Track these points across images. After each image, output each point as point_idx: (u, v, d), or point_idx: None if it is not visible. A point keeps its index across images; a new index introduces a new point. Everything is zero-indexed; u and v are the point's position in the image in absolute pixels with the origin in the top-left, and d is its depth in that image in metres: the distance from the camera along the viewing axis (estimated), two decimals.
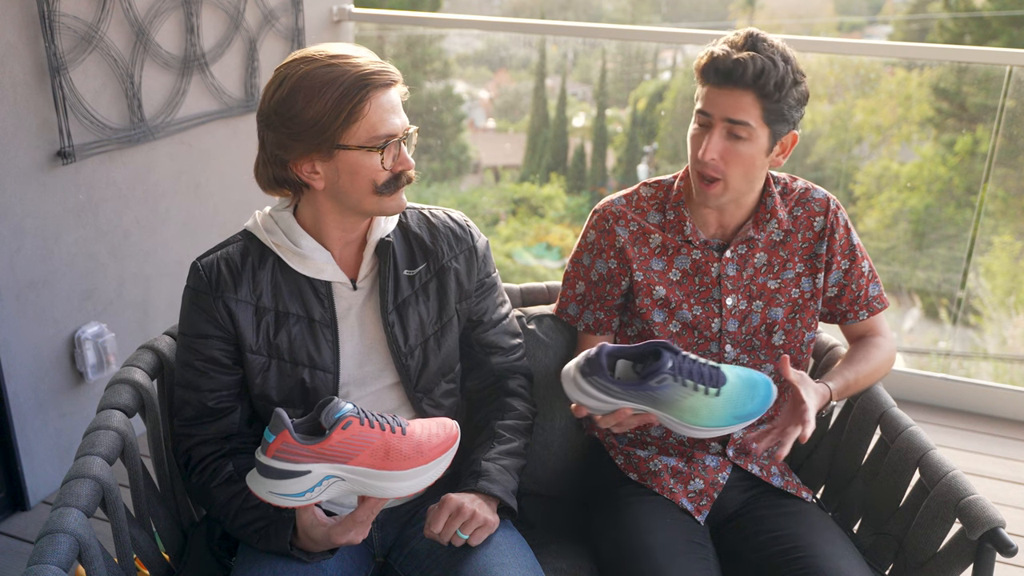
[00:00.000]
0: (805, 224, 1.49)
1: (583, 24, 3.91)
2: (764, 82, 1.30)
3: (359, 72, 1.18)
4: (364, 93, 1.18)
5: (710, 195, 1.40)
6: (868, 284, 1.52)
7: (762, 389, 1.29)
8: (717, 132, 1.35)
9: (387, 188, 1.24)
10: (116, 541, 1.23)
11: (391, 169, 1.23)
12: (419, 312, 1.35)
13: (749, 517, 1.44)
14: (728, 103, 1.33)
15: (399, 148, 1.24)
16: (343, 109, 1.17)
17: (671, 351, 1.24)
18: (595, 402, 1.26)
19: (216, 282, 1.28)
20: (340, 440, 1.10)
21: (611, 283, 1.52)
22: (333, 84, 1.17)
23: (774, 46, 1.34)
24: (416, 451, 1.15)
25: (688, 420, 1.26)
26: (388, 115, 1.21)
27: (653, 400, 1.24)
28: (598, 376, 1.24)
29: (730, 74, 1.31)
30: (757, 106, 1.32)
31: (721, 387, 1.25)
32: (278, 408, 1.10)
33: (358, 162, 1.21)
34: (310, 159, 1.22)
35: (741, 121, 1.33)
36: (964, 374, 3.51)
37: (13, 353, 2.10)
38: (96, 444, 1.23)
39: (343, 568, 1.28)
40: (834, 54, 4.36)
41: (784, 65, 1.32)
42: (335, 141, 1.19)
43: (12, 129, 2.00)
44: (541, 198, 8.81)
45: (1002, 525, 1.22)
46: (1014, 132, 3.00)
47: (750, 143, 1.34)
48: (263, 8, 2.73)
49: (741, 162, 1.36)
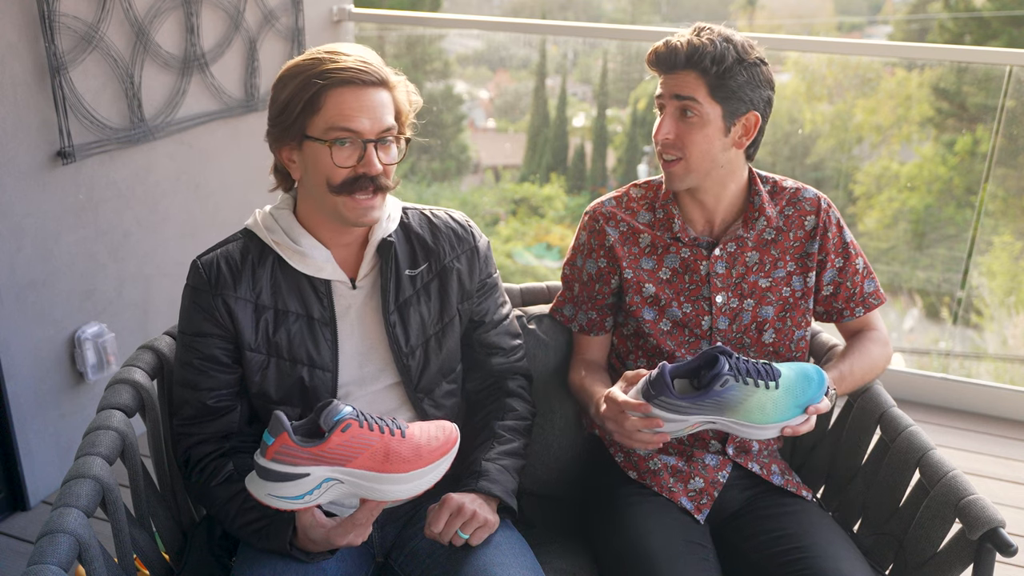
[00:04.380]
0: (796, 223, 1.51)
1: (583, 24, 3.91)
2: (699, 58, 1.37)
3: (330, 67, 1.21)
4: (322, 85, 1.20)
5: (673, 175, 1.45)
6: (863, 281, 1.54)
7: (814, 374, 1.33)
8: (669, 112, 1.42)
9: (343, 189, 1.23)
10: (116, 541, 1.23)
11: (351, 168, 1.22)
12: (420, 312, 1.35)
13: (751, 516, 1.44)
14: (674, 83, 1.41)
15: (364, 149, 1.22)
16: (303, 98, 1.21)
17: (725, 354, 1.26)
18: (666, 424, 1.27)
19: (216, 280, 1.28)
20: (339, 443, 1.10)
21: (601, 282, 1.53)
22: (303, 74, 1.22)
23: (715, 31, 1.41)
24: (415, 454, 1.15)
25: (756, 419, 1.28)
26: (350, 112, 1.20)
27: (719, 407, 1.26)
28: (665, 396, 1.25)
29: (667, 59, 1.40)
30: (701, 83, 1.39)
31: (778, 379, 1.28)
32: (277, 411, 1.10)
33: (316, 154, 1.23)
34: (289, 147, 1.26)
35: (687, 96, 1.39)
36: (964, 374, 3.51)
37: (13, 353, 2.10)
38: (96, 444, 1.23)
39: (343, 568, 1.28)
40: (834, 54, 4.36)
41: (723, 44, 1.38)
42: (303, 130, 1.23)
43: (12, 129, 2.00)
44: (541, 198, 8.81)
45: (1002, 525, 1.22)
46: (1014, 132, 3.00)
47: (702, 120, 1.40)
48: (263, 8, 2.73)
49: (695, 139, 1.41)
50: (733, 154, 1.45)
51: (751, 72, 1.39)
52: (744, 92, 1.39)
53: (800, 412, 1.30)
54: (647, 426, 1.26)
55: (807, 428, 1.33)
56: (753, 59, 1.40)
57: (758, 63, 1.41)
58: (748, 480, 1.49)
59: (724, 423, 1.29)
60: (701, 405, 1.25)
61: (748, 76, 1.39)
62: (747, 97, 1.40)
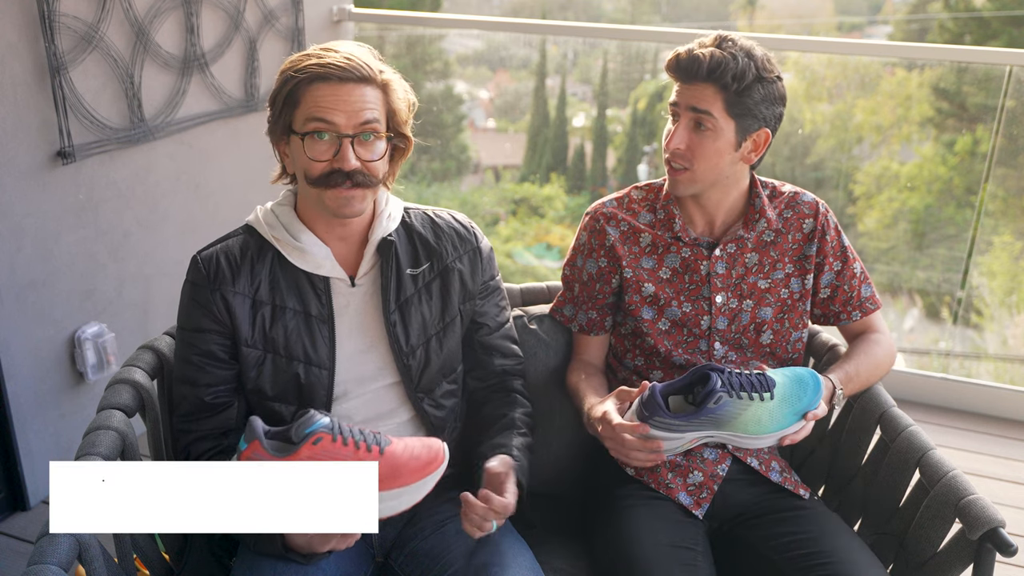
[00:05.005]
0: (795, 226, 1.52)
1: (583, 24, 3.91)
2: (721, 74, 1.36)
3: (311, 62, 1.23)
4: (299, 80, 1.22)
5: (677, 182, 1.45)
6: (860, 285, 1.55)
7: (809, 379, 1.33)
8: (683, 123, 1.42)
9: (320, 182, 1.24)
10: (116, 541, 1.23)
11: (327, 162, 1.23)
12: (422, 311, 1.36)
13: (765, 518, 1.42)
14: (691, 94, 1.40)
15: (339, 143, 1.23)
16: (283, 92, 1.24)
17: (716, 370, 1.27)
18: (663, 443, 1.28)
19: (214, 275, 1.29)
20: (309, 455, 1.10)
21: (601, 281, 1.54)
22: (287, 70, 1.25)
23: (737, 44, 1.39)
24: (392, 473, 1.13)
25: (753, 431, 1.29)
26: (326, 105, 1.21)
27: (715, 422, 1.27)
28: (658, 416, 1.27)
29: (688, 68, 1.38)
30: (719, 98, 1.38)
31: (773, 390, 1.29)
32: (252, 416, 1.12)
33: (296, 148, 1.26)
34: (282, 140, 1.29)
35: (704, 110, 1.38)
36: (964, 374, 3.51)
37: (13, 353, 2.10)
38: (96, 444, 1.22)
39: (342, 568, 1.28)
40: (834, 54, 4.37)
41: (745, 60, 1.37)
42: (289, 124, 1.25)
43: (12, 129, 2.00)
44: (541, 198, 8.81)
45: (1002, 525, 1.22)
46: (1014, 132, 3.00)
47: (715, 134, 1.40)
48: (263, 8, 2.73)
49: (706, 153, 1.41)
50: (740, 167, 1.46)
51: (768, 89, 1.40)
52: (759, 109, 1.40)
53: (797, 419, 1.31)
54: (645, 447, 1.28)
55: (804, 434, 1.33)
56: (772, 77, 1.40)
57: (775, 80, 1.41)
58: (749, 476, 1.49)
59: (721, 436, 1.31)
60: (696, 423, 1.27)
61: (765, 93, 1.39)
62: (761, 115, 1.41)
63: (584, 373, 1.55)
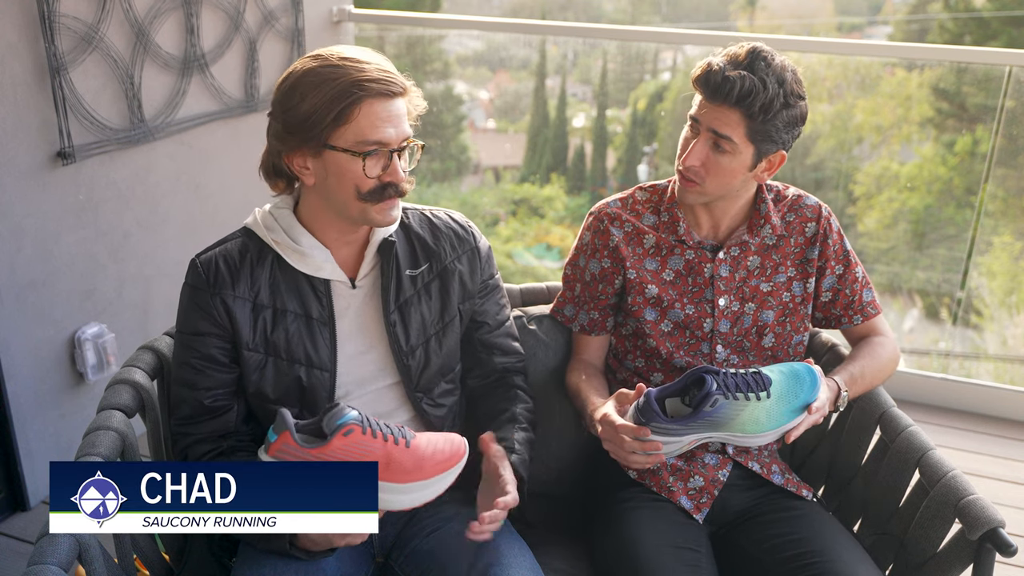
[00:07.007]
0: (797, 229, 1.52)
1: (583, 24, 3.92)
2: (751, 103, 1.33)
3: (358, 77, 1.19)
4: (356, 97, 1.18)
5: (687, 192, 1.44)
6: (862, 289, 1.55)
7: (805, 375, 1.33)
8: (702, 140, 1.39)
9: (371, 197, 1.23)
10: (116, 541, 1.23)
11: (377, 178, 1.23)
12: (421, 312, 1.36)
13: (759, 519, 1.43)
14: (715, 116, 1.37)
15: (389, 158, 1.23)
16: (333, 110, 1.18)
17: (711, 372, 1.27)
18: (663, 446, 1.28)
19: (214, 279, 1.28)
20: (340, 447, 1.10)
21: (604, 282, 1.54)
22: (329, 84, 1.18)
23: (771, 66, 1.35)
24: (417, 466, 1.15)
25: (751, 431, 1.29)
26: (380, 123, 1.20)
27: (713, 424, 1.28)
28: (655, 422, 1.27)
29: (718, 90, 1.34)
30: (742, 124, 1.35)
31: (769, 388, 1.28)
32: (282, 408, 1.11)
33: (343, 165, 1.22)
34: (302, 153, 1.23)
35: (724, 135, 1.36)
36: (964, 374, 3.51)
37: (13, 353, 2.10)
38: (96, 444, 1.23)
39: (342, 568, 1.28)
40: (834, 54, 4.36)
41: (776, 88, 1.34)
42: (324, 140, 1.20)
43: (12, 129, 2.00)
44: (541, 198, 8.81)
45: (1002, 525, 1.22)
46: (1014, 132, 3.00)
47: (732, 156, 1.38)
48: (263, 8, 2.73)
49: (720, 173, 1.40)
50: (751, 183, 1.46)
51: (791, 114, 1.37)
52: (780, 135, 1.38)
53: (797, 415, 1.31)
54: (644, 448, 1.28)
55: (808, 426, 1.33)
56: (797, 101, 1.38)
57: (799, 101, 1.38)
58: (750, 480, 1.49)
59: (720, 437, 1.31)
60: (693, 426, 1.27)
61: (787, 118, 1.37)
62: (781, 139, 1.39)
63: (584, 374, 1.55)
